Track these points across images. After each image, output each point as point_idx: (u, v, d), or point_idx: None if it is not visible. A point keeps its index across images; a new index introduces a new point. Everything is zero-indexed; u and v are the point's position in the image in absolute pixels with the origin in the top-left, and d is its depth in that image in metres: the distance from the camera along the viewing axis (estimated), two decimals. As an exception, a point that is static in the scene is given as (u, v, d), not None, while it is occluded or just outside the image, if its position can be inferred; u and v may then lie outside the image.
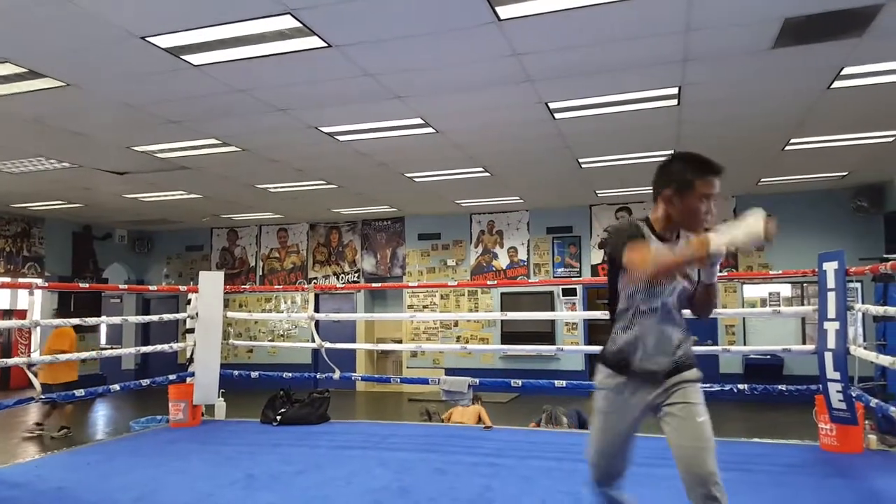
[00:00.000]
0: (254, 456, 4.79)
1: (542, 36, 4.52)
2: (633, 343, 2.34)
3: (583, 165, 8.49)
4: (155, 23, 4.22)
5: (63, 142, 7.04)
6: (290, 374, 6.42)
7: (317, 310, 12.97)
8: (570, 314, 11.74)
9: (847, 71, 5.19)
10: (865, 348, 4.70)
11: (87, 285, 11.07)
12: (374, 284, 12.36)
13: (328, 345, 6.24)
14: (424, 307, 12.73)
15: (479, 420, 6.21)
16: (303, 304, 13.39)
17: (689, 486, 2.24)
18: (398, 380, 7.31)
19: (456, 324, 12.40)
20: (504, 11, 4.11)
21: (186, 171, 8.49)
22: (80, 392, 5.77)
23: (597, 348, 6.73)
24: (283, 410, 5.95)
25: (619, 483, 2.51)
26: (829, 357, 4.47)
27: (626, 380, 2.36)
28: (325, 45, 4.55)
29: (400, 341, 12.29)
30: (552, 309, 11.74)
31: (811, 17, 4.24)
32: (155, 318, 6.94)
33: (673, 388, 2.33)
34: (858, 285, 9.57)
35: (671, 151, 7.75)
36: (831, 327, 4.50)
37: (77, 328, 7.84)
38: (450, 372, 11.05)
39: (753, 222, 1.99)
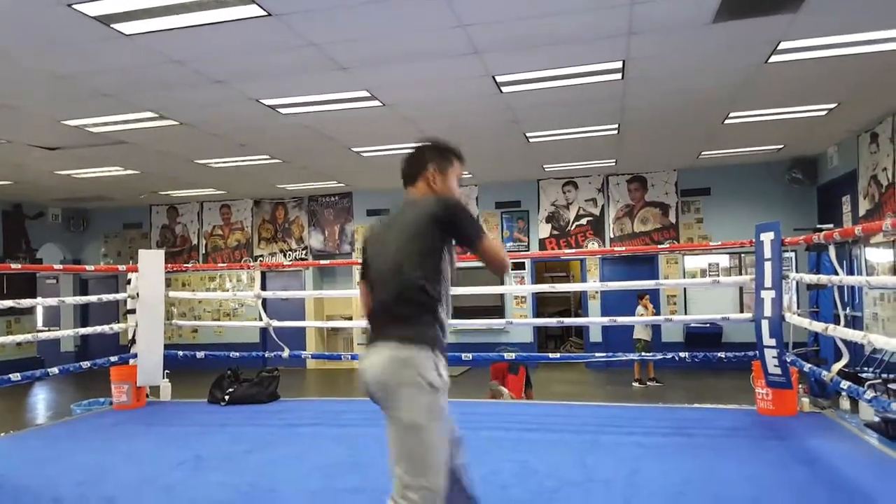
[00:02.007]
0: (202, 436, 4.70)
1: (489, 7, 4.48)
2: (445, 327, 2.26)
3: (530, 140, 8.53)
4: (83, -12, 4.01)
5: (-13, 115, 6.67)
6: (237, 354, 6.33)
7: (263, 288, 12.78)
8: (518, 288, 11.87)
9: (784, 45, 5.34)
10: (800, 315, 4.89)
11: (20, 266, 10.58)
12: (322, 262, 12.23)
13: (276, 323, 6.15)
14: (374, 283, 12.66)
15: None
16: (249, 283, 13.16)
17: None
18: (349, 357, 7.28)
19: (406, 299, 12.38)
20: (450, -18, 4.06)
21: (122, 146, 8.17)
22: (16, 376, 5.54)
23: (545, 321, 6.89)
24: (231, 390, 5.84)
25: None
26: (765, 324, 4.63)
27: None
28: (266, 13, 4.40)
29: (350, 318, 12.22)
30: (501, 283, 11.83)
31: (750, -8, 4.33)
32: (94, 298, 6.71)
33: None
34: (793, 255, 9.96)
35: (615, 125, 7.90)
36: (767, 296, 4.66)
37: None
38: (400, 347, 11.05)
39: None
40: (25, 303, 6.05)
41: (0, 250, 12.36)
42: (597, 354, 8.55)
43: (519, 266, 11.97)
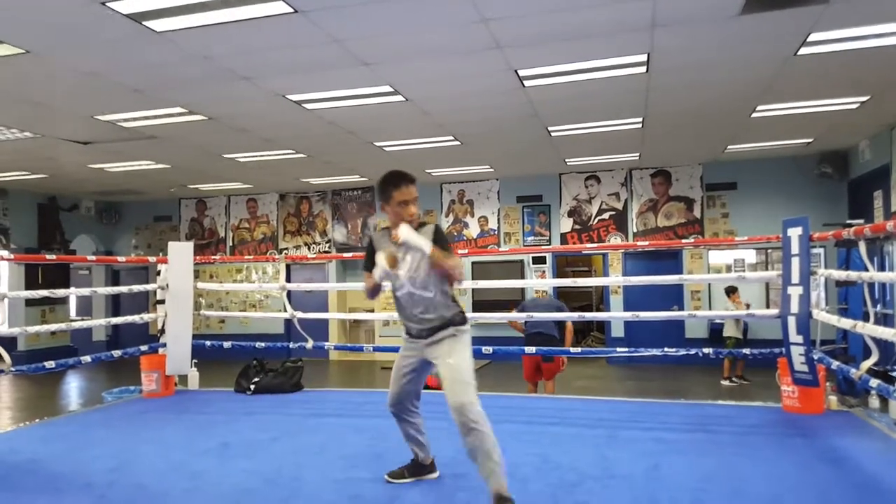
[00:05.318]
0: (228, 424, 4.80)
1: (511, 1, 4.48)
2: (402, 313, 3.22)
3: (552, 134, 8.50)
4: (115, -14, 4.10)
5: (23, 111, 6.84)
6: (262, 344, 6.41)
7: (288, 280, 12.90)
8: (539, 282, 11.82)
9: (814, 37, 5.25)
10: (828, 312, 4.80)
11: (55, 257, 10.83)
12: (345, 254, 12.29)
13: (300, 314, 6.23)
14: (397, 276, 12.74)
15: None
16: (274, 275, 13.32)
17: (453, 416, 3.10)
18: (371, 348, 7.35)
19: (429, 292, 12.42)
20: (473, -23, 4.07)
21: (153, 141, 8.32)
22: (50, 364, 5.69)
23: (566, 314, 6.92)
24: (256, 380, 5.95)
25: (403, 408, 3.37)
26: (792, 321, 4.56)
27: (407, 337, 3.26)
28: (291, 10, 4.46)
29: (372, 310, 12.31)
30: (522, 277, 11.84)
31: (778, -15, 4.26)
32: (125, 289, 6.84)
33: (435, 343, 3.16)
34: (822, 250, 9.81)
35: (639, 119, 7.84)
36: (795, 292, 4.58)
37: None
38: (423, 340, 11.10)
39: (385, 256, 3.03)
40: (59, 292, 6.22)
41: (35, 241, 12.67)
42: (619, 350, 8.52)
43: (540, 260, 11.96)
